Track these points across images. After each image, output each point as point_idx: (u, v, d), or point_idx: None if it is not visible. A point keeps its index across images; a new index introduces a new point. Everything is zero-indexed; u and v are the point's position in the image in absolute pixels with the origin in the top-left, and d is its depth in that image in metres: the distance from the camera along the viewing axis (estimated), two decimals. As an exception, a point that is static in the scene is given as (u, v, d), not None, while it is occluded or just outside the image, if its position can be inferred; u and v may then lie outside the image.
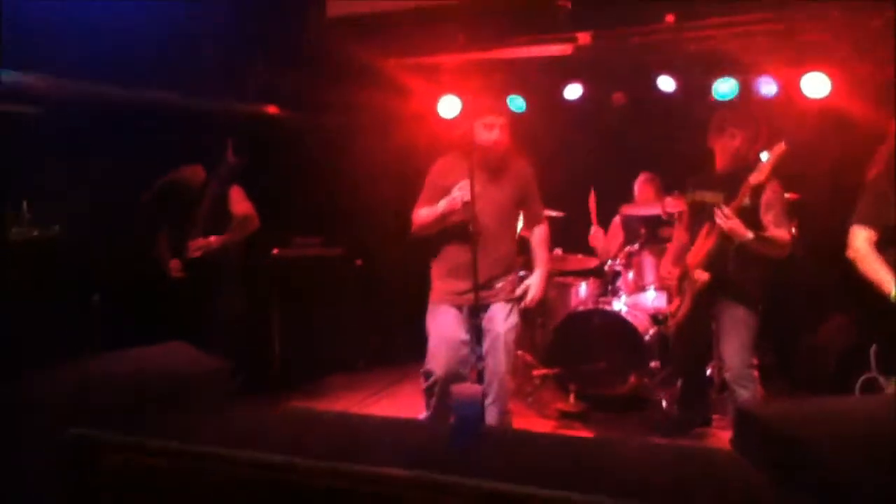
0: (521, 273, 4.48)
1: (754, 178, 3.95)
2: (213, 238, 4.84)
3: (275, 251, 5.14)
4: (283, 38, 5.37)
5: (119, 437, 2.31)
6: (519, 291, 4.12)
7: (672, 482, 2.06)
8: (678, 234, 4.65)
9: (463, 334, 3.99)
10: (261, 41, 5.34)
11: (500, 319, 4.03)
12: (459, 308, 4.04)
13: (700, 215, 4.32)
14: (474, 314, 3.94)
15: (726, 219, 3.97)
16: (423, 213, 4.03)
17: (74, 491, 2.30)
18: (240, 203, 4.94)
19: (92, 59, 4.54)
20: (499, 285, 4.07)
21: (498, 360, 3.99)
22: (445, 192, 3.92)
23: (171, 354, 3.05)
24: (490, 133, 3.97)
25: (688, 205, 4.51)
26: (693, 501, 1.87)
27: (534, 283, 4.15)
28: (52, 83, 4.52)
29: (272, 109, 6.18)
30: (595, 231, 5.92)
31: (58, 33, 4.20)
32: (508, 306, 4.07)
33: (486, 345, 3.99)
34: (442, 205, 3.90)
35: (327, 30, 5.20)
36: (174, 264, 4.90)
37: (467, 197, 3.78)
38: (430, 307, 4.11)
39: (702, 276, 4.22)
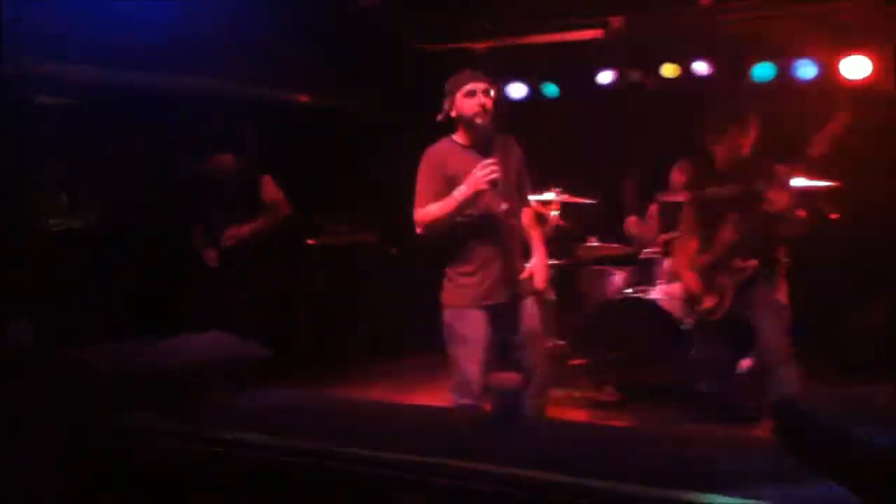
0: None
1: (815, 150, 3.94)
2: (245, 227, 4.88)
3: (309, 240, 5.16)
4: (315, 23, 5.38)
5: (160, 423, 2.34)
6: (524, 275, 3.77)
7: (711, 472, 2.03)
8: (686, 238, 4.59)
9: (491, 340, 3.64)
10: (294, 27, 5.35)
11: (532, 313, 3.76)
12: (489, 309, 3.64)
13: (712, 213, 4.34)
14: (504, 313, 3.65)
15: (781, 198, 3.99)
16: (435, 208, 3.57)
17: (116, 476, 2.34)
18: (271, 191, 4.97)
19: (126, 48, 4.58)
20: (523, 277, 3.75)
21: (536, 354, 3.76)
22: (450, 181, 3.55)
23: (211, 342, 3.08)
24: (473, 100, 3.57)
25: (694, 206, 4.50)
26: (733, 491, 1.84)
27: (539, 266, 3.83)
28: (89, 73, 4.57)
29: (304, 97, 6.20)
30: (631, 219, 5.85)
31: (93, 23, 4.24)
32: (532, 298, 3.79)
33: (520, 341, 3.72)
34: (462, 190, 3.46)
35: (359, 15, 5.20)
36: (210, 254, 4.95)
37: (496, 174, 3.41)
38: (453, 313, 3.67)
39: (749, 263, 4.20)
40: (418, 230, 3.65)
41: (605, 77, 6.25)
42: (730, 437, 3.78)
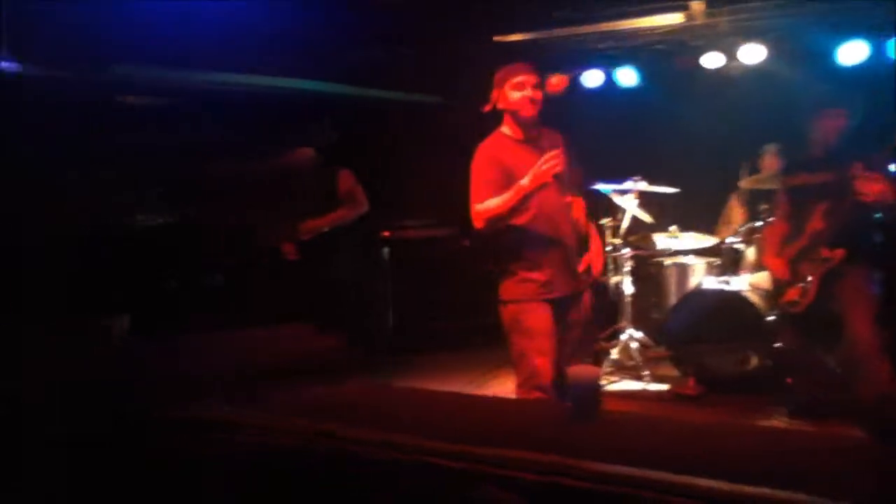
0: None
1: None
2: (321, 220, 4.95)
3: (385, 233, 5.21)
4: (390, 18, 5.41)
5: (238, 414, 2.39)
6: (581, 267, 3.76)
7: (800, 470, 1.96)
8: (778, 225, 4.46)
9: (555, 333, 3.65)
10: (370, 22, 5.39)
11: (586, 306, 3.77)
12: (552, 302, 3.64)
13: (804, 200, 4.23)
14: (565, 305, 3.66)
15: (874, 185, 3.88)
16: (497, 202, 3.54)
17: (199, 468, 2.40)
18: (348, 186, 5.03)
19: (202, 49, 4.70)
20: (581, 269, 3.75)
21: (585, 348, 3.87)
22: (507, 175, 3.54)
23: (291, 334, 3.14)
24: (522, 92, 3.57)
25: (787, 191, 4.39)
26: (822, 490, 1.77)
27: (595, 257, 3.85)
28: (173, 74, 4.72)
29: (378, 93, 6.25)
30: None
31: (174, 25, 4.36)
32: (587, 291, 3.81)
33: (571, 333, 3.72)
34: (525, 183, 3.44)
35: (434, 8, 5.19)
36: (288, 247, 5.05)
37: (559, 167, 3.40)
38: (518, 307, 3.65)
39: (836, 253, 4.08)
40: (478, 224, 3.62)
41: (684, 63, 6.10)
42: (817, 433, 3.65)
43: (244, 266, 5.24)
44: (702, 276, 5.66)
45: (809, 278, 4.20)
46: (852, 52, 5.53)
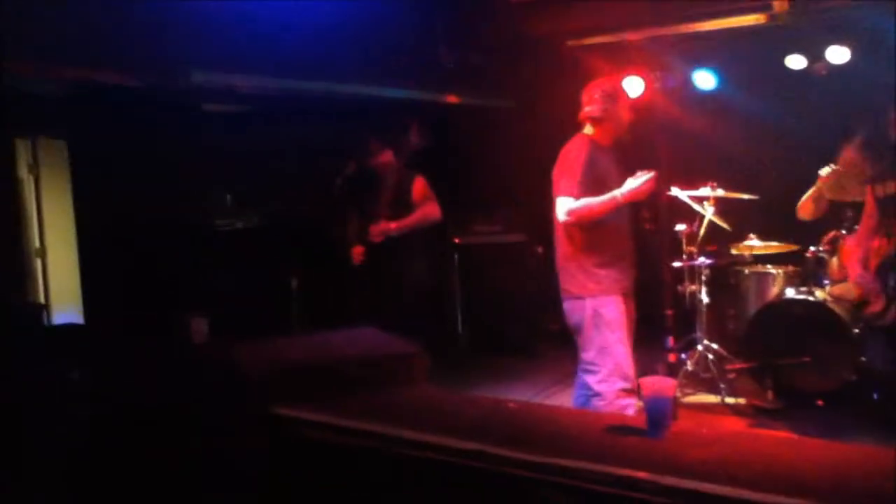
0: None
1: None
2: (393, 224, 4.97)
3: (455, 239, 5.23)
4: (466, 24, 5.43)
5: (318, 416, 2.43)
6: None
7: (884, 493, 1.88)
8: (865, 234, 4.27)
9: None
10: (445, 28, 5.43)
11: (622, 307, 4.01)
12: (625, 295, 4.00)
13: (893, 206, 4.07)
14: (628, 300, 4.00)
15: None
16: (595, 204, 3.83)
17: (275, 465, 2.45)
18: (422, 192, 5.05)
19: (280, 55, 4.81)
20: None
21: (625, 346, 3.98)
22: (597, 180, 3.86)
23: (363, 338, 3.17)
24: (627, 104, 4.03)
25: (876, 200, 4.22)
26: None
27: None
28: (250, 81, 4.84)
29: (452, 98, 6.27)
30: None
31: (252, 33, 4.48)
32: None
33: (616, 335, 3.95)
34: (623, 195, 3.79)
35: (511, 14, 5.19)
36: (357, 250, 5.10)
37: (653, 188, 3.82)
38: (598, 301, 3.91)
39: None
40: (569, 218, 3.87)
41: (768, 64, 5.91)
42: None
43: (318, 269, 5.31)
44: (782, 287, 5.48)
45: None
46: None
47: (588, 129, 4.01)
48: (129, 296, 4.64)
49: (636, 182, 3.77)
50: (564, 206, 3.85)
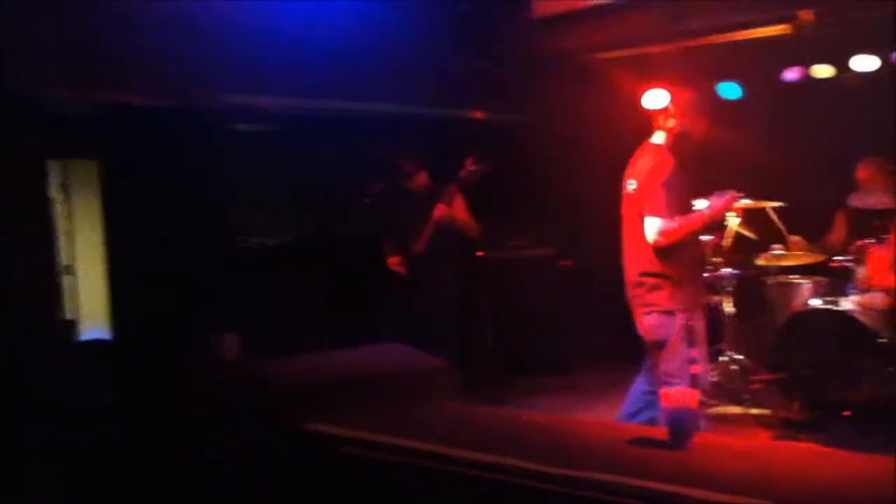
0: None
1: None
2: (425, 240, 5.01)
3: (480, 253, 5.24)
4: (489, 40, 5.47)
5: (350, 431, 2.46)
6: None
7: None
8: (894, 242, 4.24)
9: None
10: (468, 46, 5.47)
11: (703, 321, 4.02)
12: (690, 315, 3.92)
13: None
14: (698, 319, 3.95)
15: None
16: (685, 225, 3.77)
17: (310, 482, 2.49)
18: (462, 211, 5.09)
19: (305, 76, 4.87)
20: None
21: (705, 360, 4.02)
22: (680, 198, 3.81)
23: (391, 354, 3.21)
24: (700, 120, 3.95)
25: None
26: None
27: None
28: (276, 102, 4.92)
29: (478, 114, 6.31)
30: (793, 241, 5.51)
31: (278, 54, 4.55)
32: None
33: (699, 348, 3.92)
34: (708, 214, 3.81)
35: (533, 30, 5.23)
36: (394, 260, 5.14)
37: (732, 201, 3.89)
38: (689, 314, 3.87)
39: None
40: (661, 238, 3.76)
41: (792, 74, 5.90)
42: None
43: (346, 286, 5.36)
44: (809, 297, 5.45)
45: None
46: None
47: (661, 140, 3.93)
48: (159, 313, 4.71)
49: (721, 200, 3.83)
50: (655, 227, 3.75)
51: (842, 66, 5.82)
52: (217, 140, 4.94)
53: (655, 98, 6.28)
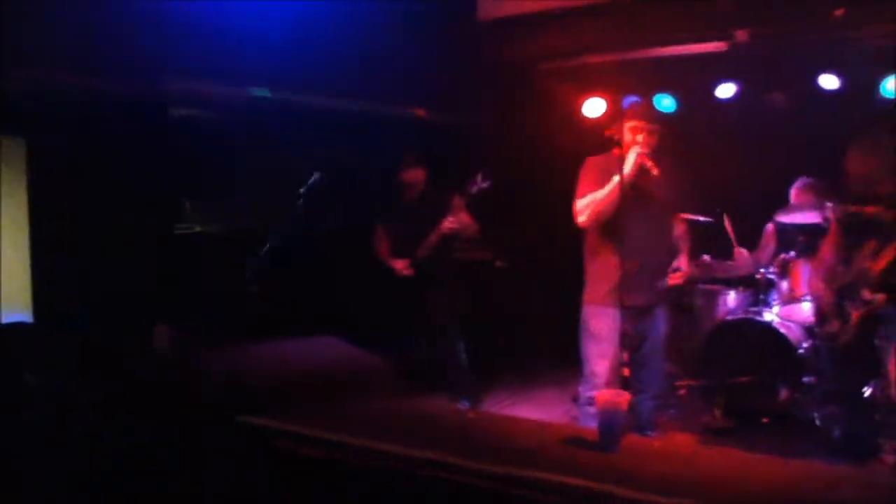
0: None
1: None
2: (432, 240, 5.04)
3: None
4: (435, 41, 5.47)
5: (284, 425, 2.43)
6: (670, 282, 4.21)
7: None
8: (826, 254, 4.41)
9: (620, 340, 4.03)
10: (416, 42, 5.46)
11: (662, 323, 4.13)
12: (620, 310, 3.99)
13: (855, 233, 4.18)
14: (634, 316, 3.98)
15: None
16: (599, 194, 3.98)
17: (242, 474, 2.45)
18: (461, 213, 5.11)
19: (250, 65, 4.79)
20: (659, 288, 4.13)
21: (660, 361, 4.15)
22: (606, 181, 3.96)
23: (325, 347, 3.19)
24: (635, 137, 4.03)
25: (839, 223, 4.30)
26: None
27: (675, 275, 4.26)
28: (221, 90, 4.83)
29: (420, 112, 6.31)
30: (738, 252, 5.69)
31: (227, 41, 4.46)
32: (665, 309, 4.19)
33: (647, 348, 4.10)
34: (629, 165, 3.87)
35: (478, 33, 5.25)
36: (400, 264, 5.16)
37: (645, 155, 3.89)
38: (587, 311, 4.10)
39: (877, 297, 4.03)
40: (581, 217, 4.09)
41: (726, 91, 6.07)
42: (846, 470, 3.60)
43: (282, 278, 5.29)
44: (734, 307, 5.62)
45: (850, 313, 4.15)
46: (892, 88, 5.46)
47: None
48: (87, 300, 4.57)
49: (630, 160, 3.89)
50: (576, 207, 4.06)
51: (775, 85, 6.02)
52: (159, 125, 4.80)
53: (593, 107, 6.44)
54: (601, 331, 4.01)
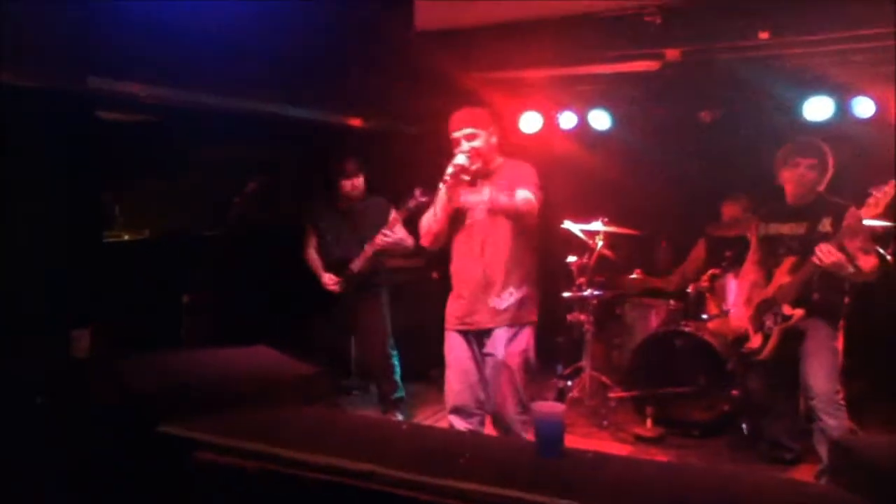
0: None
1: (867, 213, 3.82)
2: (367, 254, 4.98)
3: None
4: (371, 49, 5.44)
5: (206, 436, 2.35)
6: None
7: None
8: (748, 271, 4.51)
9: (473, 362, 3.86)
10: (349, 52, 5.42)
11: (502, 344, 3.78)
12: (466, 334, 3.87)
13: (774, 249, 4.27)
14: (478, 339, 3.85)
15: (829, 254, 3.85)
16: (429, 213, 3.90)
17: (162, 485, 2.35)
18: (396, 227, 5.04)
19: (186, 66, 4.66)
20: (502, 307, 3.77)
21: (501, 383, 3.79)
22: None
23: (256, 356, 3.10)
24: (460, 146, 3.83)
25: (759, 239, 4.41)
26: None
27: None
28: (150, 91, 4.68)
29: (356, 122, 6.26)
30: (674, 274, 5.85)
31: (157, 41, 4.34)
32: (513, 330, 3.78)
33: (489, 370, 3.84)
34: (449, 172, 3.70)
35: (415, 42, 5.24)
36: (329, 280, 5.07)
37: (461, 159, 3.68)
38: (444, 334, 3.95)
39: (796, 312, 4.13)
40: (421, 241, 4.01)
41: (658, 109, 6.21)
42: (769, 477, 3.67)
43: (214, 286, 5.16)
44: (664, 320, 5.72)
45: (771, 328, 4.25)
46: (818, 109, 5.66)
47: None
48: (5, 305, 4.35)
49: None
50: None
51: (703, 105, 6.17)
52: (87, 127, 4.61)
53: (530, 122, 6.51)
54: (448, 355, 3.90)
